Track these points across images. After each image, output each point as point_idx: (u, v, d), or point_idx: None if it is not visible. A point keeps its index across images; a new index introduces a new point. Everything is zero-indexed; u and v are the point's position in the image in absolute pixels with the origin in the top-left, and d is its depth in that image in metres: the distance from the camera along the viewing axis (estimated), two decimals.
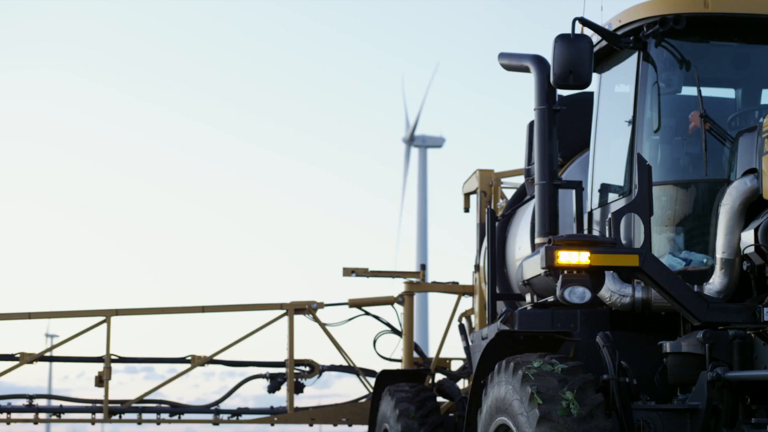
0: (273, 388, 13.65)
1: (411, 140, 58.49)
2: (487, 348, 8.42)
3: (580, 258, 7.62)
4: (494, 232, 10.60)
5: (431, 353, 13.81)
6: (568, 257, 7.62)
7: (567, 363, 7.69)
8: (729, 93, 9.54)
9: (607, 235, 8.06)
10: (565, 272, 7.65)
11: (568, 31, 8.56)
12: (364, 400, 13.62)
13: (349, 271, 13.81)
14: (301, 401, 13.99)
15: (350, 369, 13.84)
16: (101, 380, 13.24)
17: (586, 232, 9.22)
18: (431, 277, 14.54)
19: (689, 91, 8.81)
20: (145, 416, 13.53)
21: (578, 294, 7.64)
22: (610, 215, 8.05)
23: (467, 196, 13.19)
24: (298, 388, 13.51)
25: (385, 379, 12.16)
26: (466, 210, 13.25)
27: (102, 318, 13.37)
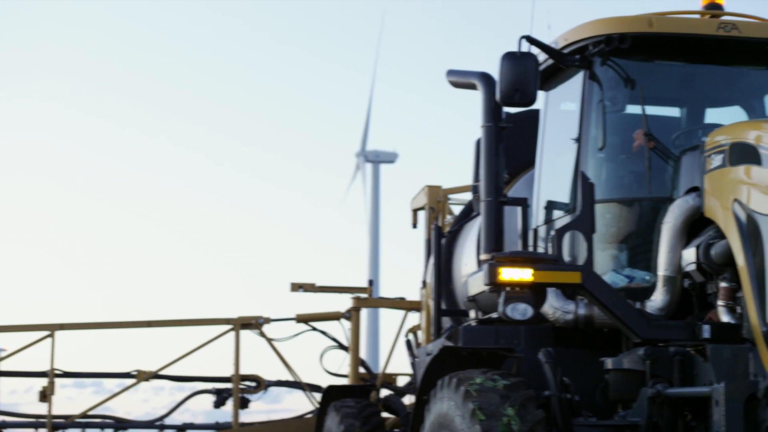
0: (219, 404, 13.61)
1: (364, 155, 58.51)
2: (431, 364, 8.44)
3: (523, 275, 7.65)
4: (440, 248, 10.62)
5: (381, 368, 13.81)
6: (510, 274, 7.66)
7: (509, 379, 7.72)
8: (674, 112, 9.64)
9: (550, 252, 8.10)
10: (508, 289, 7.69)
11: (516, 49, 8.61)
12: (310, 415, 13.59)
13: (296, 287, 13.79)
14: (251, 416, 13.98)
15: (296, 384, 13.82)
16: (45, 395, 13.13)
17: (531, 249, 9.26)
18: (381, 292, 14.54)
19: (634, 109, 8.89)
20: (89, 431, 13.44)
21: (520, 310, 7.67)
22: (552, 232, 8.10)
23: (416, 212, 13.22)
24: (244, 404, 13.47)
25: (331, 394, 12.14)
26: (414, 226, 13.28)
27: (47, 332, 13.26)
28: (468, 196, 11.76)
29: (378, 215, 59.70)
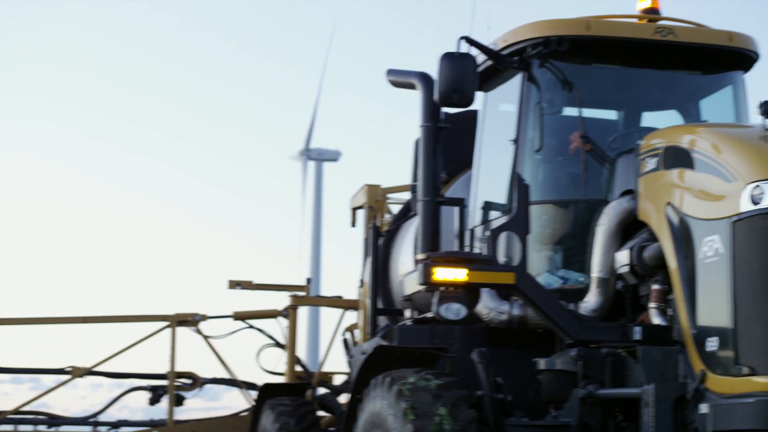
0: (154, 401, 13.52)
1: (307, 153, 58.42)
2: (365, 363, 8.43)
3: (457, 275, 7.68)
4: (377, 247, 10.63)
5: (324, 367, 13.78)
6: (444, 274, 7.68)
7: (442, 379, 7.74)
8: (611, 115, 9.71)
9: (486, 252, 8.13)
10: (442, 289, 7.71)
11: (455, 49, 8.62)
12: (246, 413, 13.53)
13: (234, 284, 13.73)
14: (189, 414, 13.91)
15: (232, 382, 13.76)
16: None
17: (467, 249, 9.29)
18: (323, 291, 14.53)
19: (571, 111, 8.94)
20: (22, 428, 13.29)
21: (454, 310, 7.70)
22: (487, 233, 8.13)
23: (355, 210, 13.20)
24: (179, 401, 13.39)
25: (266, 392, 12.09)
26: (353, 224, 13.28)
27: None
28: (407, 196, 11.76)
29: (320, 213, 59.64)
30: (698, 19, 9.17)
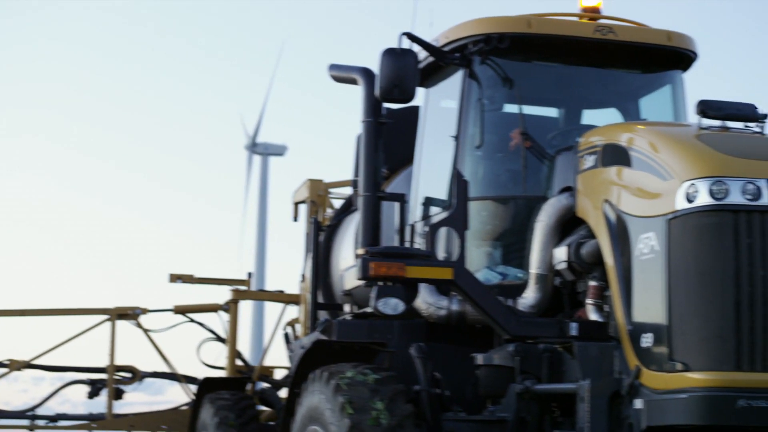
0: (93, 394, 13.44)
1: (253, 147, 58.22)
2: (303, 357, 8.44)
3: (395, 270, 7.70)
4: (318, 241, 10.63)
5: (266, 362, 13.77)
6: (383, 269, 7.70)
7: (380, 373, 7.76)
8: (551, 112, 9.77)
9: (425, 248, 8.16)
10: (381, 284, 7.73)
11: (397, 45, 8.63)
12: (186, 407, 13.49)
13: (175, 278, 13.68)
14: (133, 408, 13.86)
15: (172, 376, 13.71)
16: None
17: (408, 244, 9.31)
18: (267, 285, 14.49)
19: (512, 108, 8.98)
20: None
21: (392, 305, 7.72)
22: (427, 228, 8.16)
23: (297, 205, 13.19)
24: (118, 395, 13.32)
25: (206, 386, 12.07)
26: (296, 219, 13.27)
27: None
28: (349, 191, 11.77)
29: (266, 208, 59.49)
30: (639, 18, 9.26)
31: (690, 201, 7.00)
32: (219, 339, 13.58)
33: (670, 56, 9.18)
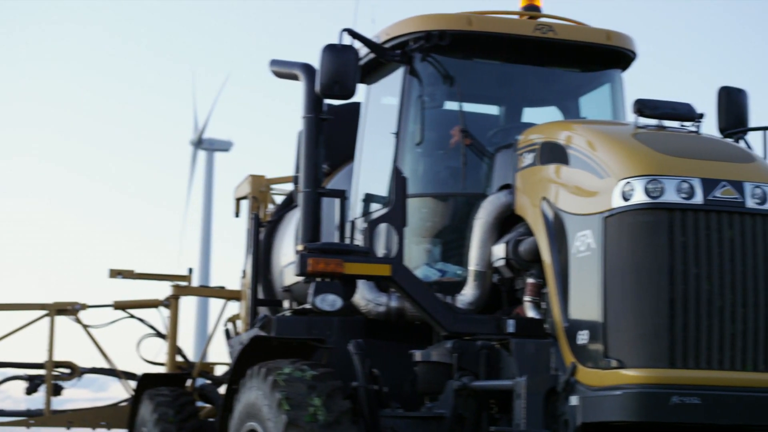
0: (31, 390, 13.30)
1: (199, 143, 57.98)
2: (241, 353, 8.41)
3: (333, 266, 7.70)
4: (258, 237, 10.59)
5: (210, 358, 13.71)
6: (320, 265, 7.69)
7: (317, 370, 7.75)
8: (493, 110, 9.81)
9: (363, 244, 8.16)
10: (318, 280, 7.72)
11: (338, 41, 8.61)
12: (125, 403, 13.40)
13: (115, 273, 13.57)
14: (74, 404, 13.71)
15: (112, 372, 13.60)
16: None
17: (348, 241, 9.31)
18: (212, 281, 14.43)
19: (453, 106, 9.00)
20: None
21: (329, 302, 7.71)
22: (365, 224, 8.16)
23: (239, 201, 13.15)
24: (57, 391, 13.20)
25: (146, 382, 11.99)
26: (237, 215, 13.23)
27: None
28: (291, 187, 11.75)
29: (211, 204, 59.26)
30: (578, 17, 9.31)
31: (626, 199, 7.06)
32: (159, 335, 13.50)
33: (609, 55, 9.25)
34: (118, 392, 14.26)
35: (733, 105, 8.92)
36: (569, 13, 9.26)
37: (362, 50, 9.23)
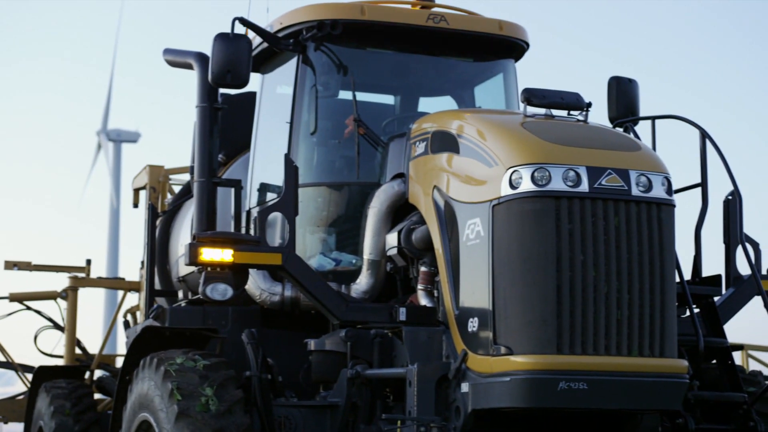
0: None
1: (105, 134, 57.44)
2: (133, 344, 8.35)
3: (223, 255, 7.68)
4: (153, 227, 10.52)
5: (98, 349, 13.55)
6: (211, 254, 7.67)
7: (210, 359, 7.72)
8: (389, 99, 9.83)
9: (255, 233, 8.14)
10: (209, 269, 7.69)
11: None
12: (21, 396, 13.24)
13: (11, 265, 13.41)
14: None
15: (8, 365, 13.43)
16: None
17: (243, 230, 9.28)
18: (120, 272, 14.28)
19: (347, 95, 9.01)
20: None
21: (220, 291, 7.69)
22: (256, 214, 8.15)
23: (137, 191, 13.07)
24: None
25: (42, 375, 11.87)
26: (135, 205, 13.15)
27: None
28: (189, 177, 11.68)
29: (119, 195, 58.70)
30: (472, 7, 9.36)
31: (514, 187, 7.12)
32: (57, 327, 13.35)
33: (501, 45, 9.32)
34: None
35: (623, 95, 9.05)
36: (463, 3, 9.33)
37: (256, 39, 9.21)
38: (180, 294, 9.82)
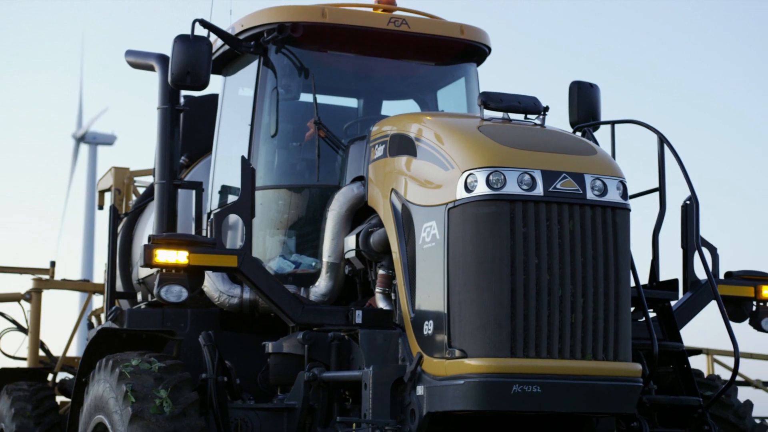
0: None
1: (81, 137, 57.17)
2: (90, 346, 8.34)
3: (178, 257, 7.66)
4: (115, 229, 10.49)
5: (62, 352, 13.48)
6: (166, 256, 7.65)
7: (165, 362, 7.70)
8: (352, 102, 9.83)
9: (212, 235, 8.13)
10: (164, 271, 7.68)
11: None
12: None
13: None
14: None
15: None
16: None
17: (204, 232, 9.27)
18: (95, 275, 14.22)
19: (308, 98, 9.00)
20: None
21: (175, 293, 7.67)
22: (212, 216, 8.13)
23: (102, 193, 13.04)
24: None
25: (4, 377, 11.81)
26: (101, 207, 13.11)
27: None
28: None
29: (94, 197, 58.32)
30: (434, 11, 9.37)
31: (469, 190, 7.12)
32: (21, 329, 13.28)
33: (463, 49, 9.34)
34: None
35: (584, 99, 9.08)
36: (426, 6, 9.33)
37: (218, 42, 9.20)
38: (139, 296, 9.79)
